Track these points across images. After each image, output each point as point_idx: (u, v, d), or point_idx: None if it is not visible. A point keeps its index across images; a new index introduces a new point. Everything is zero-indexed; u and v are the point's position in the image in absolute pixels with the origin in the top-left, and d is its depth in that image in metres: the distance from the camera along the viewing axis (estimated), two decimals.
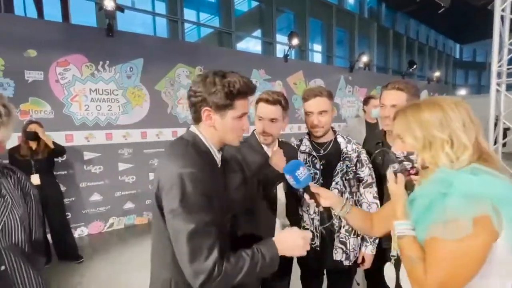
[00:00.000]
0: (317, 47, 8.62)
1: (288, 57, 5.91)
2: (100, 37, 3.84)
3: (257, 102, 1.44)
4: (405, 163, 0.83)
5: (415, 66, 8.01)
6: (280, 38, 7.03)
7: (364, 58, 6.81)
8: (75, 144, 3.73)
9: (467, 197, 0.68)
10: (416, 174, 0.84)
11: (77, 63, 3.68)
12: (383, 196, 1.53)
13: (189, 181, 0.81)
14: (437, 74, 9.80)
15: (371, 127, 3.20)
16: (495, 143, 4.09)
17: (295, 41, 5.50)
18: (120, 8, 3.83)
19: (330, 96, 1.52)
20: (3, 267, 0.79)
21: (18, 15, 3.86)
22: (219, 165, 1.02)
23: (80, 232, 3.83)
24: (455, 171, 0.75)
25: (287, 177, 1.10)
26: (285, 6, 7.32)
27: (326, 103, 1.49)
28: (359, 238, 1.55)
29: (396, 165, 0.83)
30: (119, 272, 2.89)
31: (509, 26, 3.72)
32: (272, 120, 1.38)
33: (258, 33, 7.23)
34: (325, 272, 1.70)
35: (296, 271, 1.68)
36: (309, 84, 6.23)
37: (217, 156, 1.00)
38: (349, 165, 1.52)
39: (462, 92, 14.26)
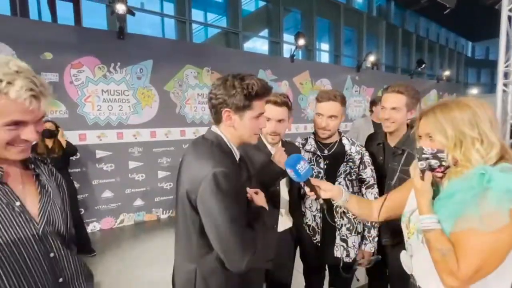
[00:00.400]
0: (325, 46, 8.58)
1: (295, 57, 5.93)
2: (112, 39, 3.96)
3: (265, 103, 1.51)
4: (432, 161, 0.87)
5: (423, 65, 7.91)
6: (287, 37, 7.04)
7: (371, 58, 6.77)
8: (88, 143, 3.87)
9: (508, 192, 0.71)
10: (444, 171, 0.87)
11: (90, 65, 3.82)
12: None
13: (223, 179, 0.88)
14: (446, 73, 9.63)
15: (378, 127, 3.23)
16: None
17: (301, 42, 5.52)
18: (131, 11, 3.94)
19: (343, 101, 1.57)
20: (52, 254, 0.79)
21: (33, 19, 4.01)
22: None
23: (92, 227, 3.98)
24: (492, 167, 0.77)
25: (288, 171, 1.14)
26: (292, 6, 7.32)
27: (338, 108, 1.54)
28: (359, 236, 1.61)
29: (423, 163, 0.86)
30: (130, 267, 3.00)
31: None
32: (279, 120, 1.46)
33: (265, 32, 7.25)
34: (327, 267, 1.76)
35: (298, 266, 1.75)
36: (315, 84, 6.25)
37: (237, 155, 1.07)
38: (352, 167, 1.57)
39: (474, 91, 13.89)
